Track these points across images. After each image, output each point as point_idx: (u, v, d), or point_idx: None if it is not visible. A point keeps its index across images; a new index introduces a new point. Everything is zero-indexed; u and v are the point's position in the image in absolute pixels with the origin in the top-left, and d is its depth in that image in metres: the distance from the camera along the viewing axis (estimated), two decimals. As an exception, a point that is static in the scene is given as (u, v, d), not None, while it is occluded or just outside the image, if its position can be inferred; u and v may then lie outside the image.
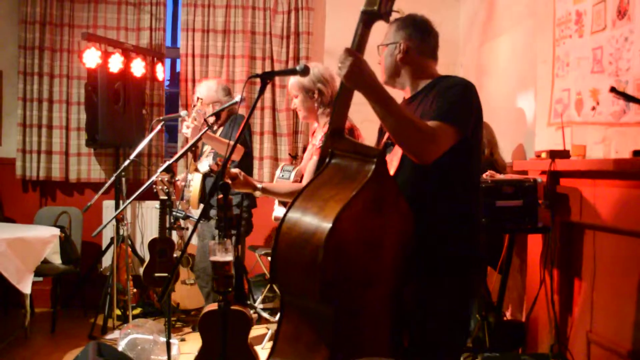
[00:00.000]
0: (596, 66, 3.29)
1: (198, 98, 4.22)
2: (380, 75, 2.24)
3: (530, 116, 4.15)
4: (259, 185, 2.80)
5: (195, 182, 4.22)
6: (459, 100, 2.03)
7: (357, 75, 1.91)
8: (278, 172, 3.78)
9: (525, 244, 3.87)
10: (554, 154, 3.39)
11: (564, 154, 3.40)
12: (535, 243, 3.67)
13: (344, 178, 1.94)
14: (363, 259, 1.86)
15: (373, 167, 1.89)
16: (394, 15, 2.04)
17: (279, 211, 3.47)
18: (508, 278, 3.82)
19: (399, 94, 2.28)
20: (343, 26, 2.77)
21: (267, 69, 5.47)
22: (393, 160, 2.13)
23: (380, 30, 2.26)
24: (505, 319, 3.89)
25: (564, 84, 3.61)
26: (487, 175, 3.60)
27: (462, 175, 2.09)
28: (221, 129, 4.34)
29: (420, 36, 2.22)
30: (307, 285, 1.83)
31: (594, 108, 3.31)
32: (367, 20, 1.99)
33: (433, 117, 1.97)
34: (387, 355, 1.96)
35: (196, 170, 4.12)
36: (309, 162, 3.18)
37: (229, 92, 4.40)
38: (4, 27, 5.49)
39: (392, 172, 2.09)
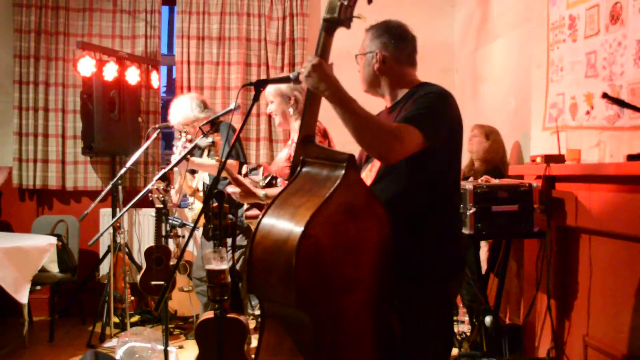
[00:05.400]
0: (590, 70, 3.30)
1: (180, 132, 4.06)
2: (360, 84, 2.25)
3: (525, 121, 4.15)
4: (261, 193, 2.81)
5: (197, 204, 4.17)
6: (428, 107, 2.03)
7: (317, 76, 1.93)
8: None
9: (522, 248, 3.88)
10: (549, 159, 3.40)
11: (558, 159, 3.40)
12: (531, 247, 3.68)
13: (314, 185, 1.94)
14: (339, 264, 1.86)
15: (343, 172, 1.90)
16: (356, 21, 2.03)
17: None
18: (505, 282, 3.83)
19: (379, 103, 2.28)
20: (338, 32, 2.77)
21: (263, 75, 5.48)
22: (372, 170, 2.14)
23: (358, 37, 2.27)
24: (502, 323, 3.89)
25: (559, 88, 3.61)
26: (482, 180, 3.61)
27: (438, 185, 2.09)
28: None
29: (396, 44, 2.20)
30: (284, 292, 1.83)
31: (588, 112, 3.31)
32: (328, 27, 2.01)
33: (399, 121, 1.98)
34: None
35: (195, 192, 4.07)
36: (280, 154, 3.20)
37: (205, 106, 4.19)
38: (-2, 36, 5.50)
39: (368, 182, 2.10)
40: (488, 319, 3.68)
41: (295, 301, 1.80)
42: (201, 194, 4.41)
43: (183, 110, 4.15)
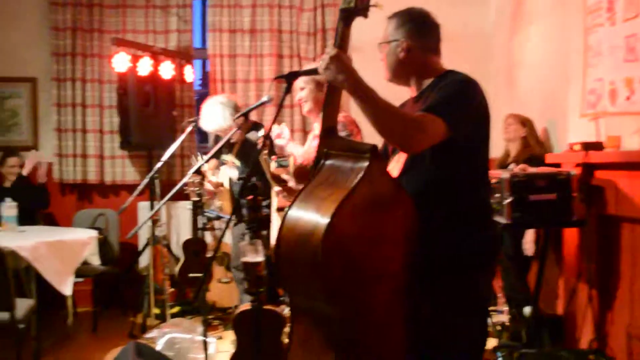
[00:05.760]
0: (629, 54, 3.21)
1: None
2: (385, 73, 2.20)
3: (563, 107, 4.07)
4: None
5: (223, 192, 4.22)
6: (452, 95, 1.99)
7: (335, 68, 1.92)
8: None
9: (562, 237, 3.81)
10: (587, 146, 3.33)
11: (597, 146, 3.33)
12: (571, 237, 3.62)
13: (338, 177, 1.93)
14: (366, 255, 1.85)
15: (366, 163, 1.88)
16: (373, 10, 2.00)
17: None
18: (544, 272, 3.77)
19: (403, 92, 2.24)
20: (369, 22, 2.74)
21: (295, 66, 5.48)
22: (399, 161, 2.12)
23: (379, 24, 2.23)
24: (542, 313, 3.83)
25: (597, 73, 3.53)
26: (519, 168, 3.55)
27: (465, 175, 2.06)
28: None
29: (421, 32, 2.15)
30: (311, 286, 1.83)
31: (628, 98, 3.23)
32: (345, 17, 1.99)
33: (422, 110, 1.96)
34: (402, 354, 1.94)
35: (218, 186, 4.09)
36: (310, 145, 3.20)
37: (237, 109, 4.18)
38: (36, 35, 5.60)
39: (395, 173, 2.08)
40: (527, 309, 3.64)
41: (323, 294, 1.80)
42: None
43: (216, 119, 4.16)
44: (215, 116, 4.18)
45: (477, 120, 2.05)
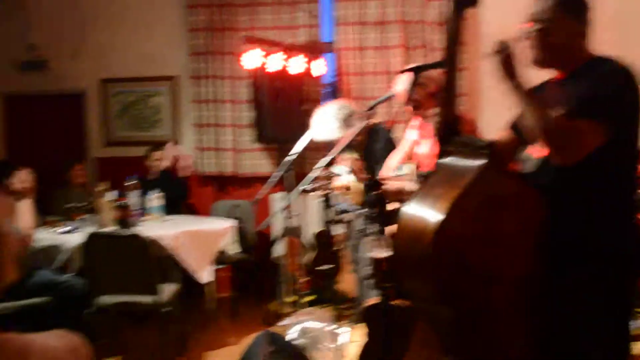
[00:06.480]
0: None
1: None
2: (530, 54, 2.06)
3: None
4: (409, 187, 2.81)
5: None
6: (606, 93, 1.88)
7: (501, 69, 1.88)
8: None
9: None
10: None
11: None
12: None
13: (454, 175, 1.89)
14: (481, 255, 1.80)
15: (482, 161, 1.83)
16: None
17: None
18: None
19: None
20: (498, 9, 2.66)
21: (423, 58, 5.38)
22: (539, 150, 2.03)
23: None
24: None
25: None
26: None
27: (608, 168, 1.94)
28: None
29: (578, 13, 2.03)
30: (425, 287, 1.81)
31: None
32: (457, 8, 1.97)
33: (577, 114, 1.86)
34: (526, 357, 1.87)
35: (347, 189, 4.15)
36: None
37: (350, 114, 4.12)
38: (176, 36, 5.96)
39: (532, 163, 2.03)
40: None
41: (436, 295, 1.79)
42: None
43: (324, 131, 4.18)
44: (323, 128, 4.20)
45: (630, 112, 1.93)
